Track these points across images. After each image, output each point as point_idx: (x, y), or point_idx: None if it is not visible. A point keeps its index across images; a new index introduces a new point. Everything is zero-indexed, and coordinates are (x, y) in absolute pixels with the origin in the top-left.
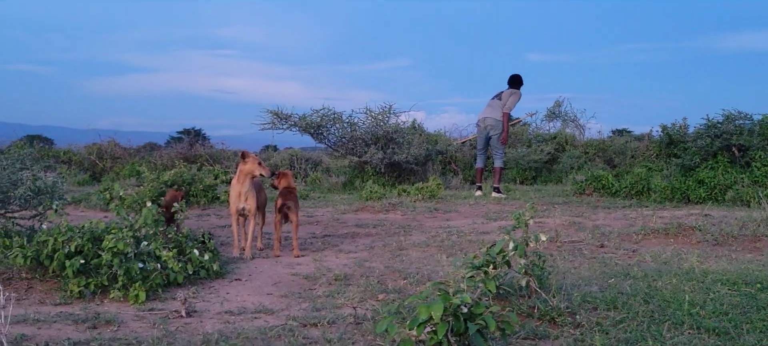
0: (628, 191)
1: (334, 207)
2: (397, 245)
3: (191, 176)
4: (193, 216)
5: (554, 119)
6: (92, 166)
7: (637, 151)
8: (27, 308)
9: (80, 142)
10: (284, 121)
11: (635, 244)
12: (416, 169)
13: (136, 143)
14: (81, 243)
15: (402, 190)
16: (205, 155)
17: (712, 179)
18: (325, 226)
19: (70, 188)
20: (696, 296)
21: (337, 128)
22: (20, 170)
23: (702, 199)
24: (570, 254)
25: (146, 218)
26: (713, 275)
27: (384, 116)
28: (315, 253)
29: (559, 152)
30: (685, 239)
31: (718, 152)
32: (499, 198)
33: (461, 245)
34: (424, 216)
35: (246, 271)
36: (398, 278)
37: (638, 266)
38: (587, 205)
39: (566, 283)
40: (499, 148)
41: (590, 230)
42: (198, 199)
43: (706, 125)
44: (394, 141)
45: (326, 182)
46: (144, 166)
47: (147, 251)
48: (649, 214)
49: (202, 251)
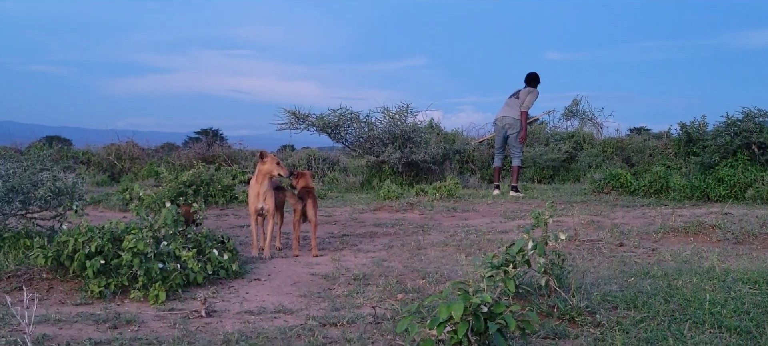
0: (646, 190)
1: (351, 207)
2: (416, 244)
3: (209, 177)
4: (212, 216)
5: (572, 118)
6: (111, 167)
7: (656, 150)
8: (48, 308)
9: (98, 142)
10: (302, 121)
11: (655, 242)
12: (434, 169)
13: (154, 143)
14: (101, 243)
15: (420, 189)
16: (222, 155)
17: (732, 177)
18: (343, 225)
19: (89, 189)
20: (717, 295)
21: (354, 128)
22: (40, 171)
23: (722, 197)
24: (589, 252)
25: (166, 219)
26: (734, 273)
27: (401, 116)
28: (333, 252)
29: (577, 151)
30: (705, 237)
31: (737, 150)
32: (517, 197)
33: (480, 244)
34: (442, 215)
35: (265, 271)
36: (417, 277)
37: (658, 264)
38: (606, 203)
39: (586, 282)
40: (517, 147)
41: (609, 229)
42: (216, 199)
43: (725, 123)
44: (412, 140)
45: (344, 182)
46: (162, 166)
47: (167, 251)
48: (669, 212)
49: (221, 251)
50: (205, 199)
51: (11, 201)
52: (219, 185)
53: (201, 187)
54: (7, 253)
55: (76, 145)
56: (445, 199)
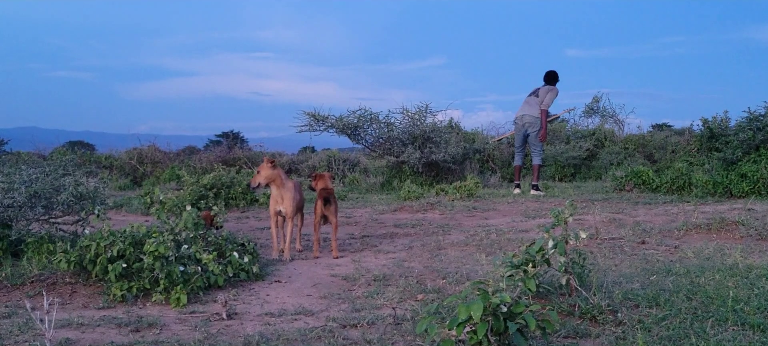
0: (668, 186)
1: (372, 207)
2: (436, 244)
3: (230, 179)
4: (233, 219)
5: (593, 115)
6: (133, 171)
7: (678, 146)
8: (71, 312)
9: (121, 147)
10: (321, 122)
11: (677, 240)
12: (454, 168)
13: (175, 147)
14: (123, 247)
15: (440, 189)
16: (243, 158)
17: (755, 173)
18: (364, 226)
19: (112, 193)
20: (740, 292)
21: (374, 129)
22: (63, 176)
23: (745, 193)
24: (610, 251)
25: (186, 222)
26: (757, 270)
27: (421, 116)
28: (354, 254)
29: (598, 148)
30: (728, 234)
31: (760, 145)
32: (538, 196)
33: (500, 243)
34: (462, 215)
35: (285, 273)
36: (437, 277)
37: (680, 262)
38: (627, 201)
39: (607, 280)
40: (537, 146)
41: (631, 227)
42: (237, 201)
43: (747, 118)
44: (432, 140)
45: (364, 183)
46: (183, 170)
47: (188, 255)
48: (691, 209)
49: (241, 253)
50: (225, 202)
51: (34, 206)
52: (239, 187)
53: (222, 190)
54: (31, 258)
55: (99, 150)
56: (466, 198)
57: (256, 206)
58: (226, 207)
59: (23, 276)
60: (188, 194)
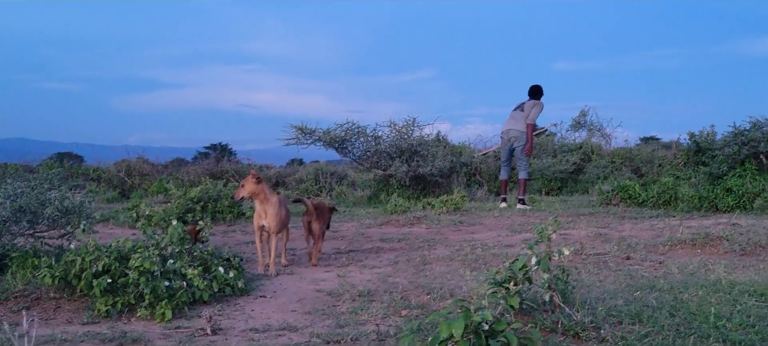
0: (655, 201)
1: (358, 221)
2: (421, 259)
3: (217, 193)
4: (219, 232)
5: (580, 129)
6: (121, 183)
7: (665, 160)
8: (54, 328)
9: (110, 158)
10: (308, 136)
11: (662, 255)
12: (441, 182)
13: (164, 159)
14: (108, 262)
15: (427, 203)
16: (231, 171)
17: (740, 187)
18: (350, 241)
19: (100, 206)
20: (722, 309)
21: (361, 142)
22: (48, 190)
23: (730, 207)
24: (595, 266)
25: (172, 236)
26: (740, 286)
27: (408, 129)
28: (339, 268)
29: (585, 162)
30: (713, 249)
31: (745, 160)
32: (525, 210)
33: (485, 258)
34: (448, 229)
35: (270, 287)
36: (422, 293)
37: (665, 278)
38: (613, 215)
39: (591, 296)
40: (523, 160)
41: (616, 242)
42: (224, 215)
43: (732, 133)
44: (419, 154)
45: (351, 196)
46: (171, 183)
47: (173, 269)
48: (676, 224)
49: (227, 268)
50: (212, 215)
51: (19, 221)
52: (226, 200)
53: (209, 203)
54: (15, 272)
55: (88, 162)
56: (452, 212)
57: (243, 219)
58: (213, 220)
59: (7, 291)
60: (175, 207)
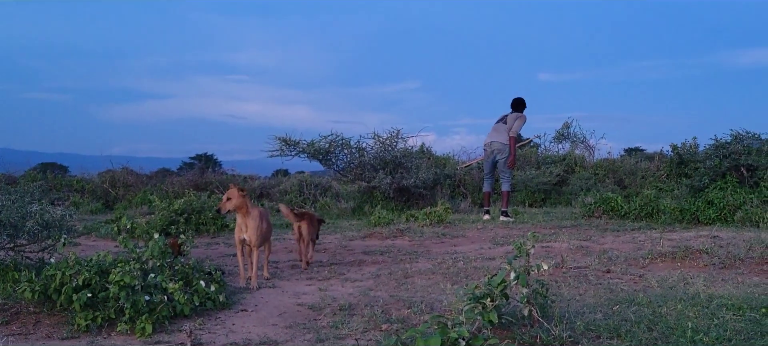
0: (637, 213)
1: (342, 234)
2: (403, 272)
3: (200, 205)
4: (203, 245)
5: (563, 140)
6: (105, 195)
7: (648, 172)
8: (34, 342)
9: (95, 169)
10: (292, 147)
11: (642, 269)
12: (425, 194)
13: (149, 169)
14: (88, 276)
15: (410, 215)
16: (215, 182)
17: (721, 200)
18: (333, 253)
19: (83, 217)
20: (700, 323)
21: (345, 154)
22: (29, 203)
23: (711, 220)
24: (575, 280)
25: (153, 250)
26: (719, 299)
27: (392, 141)
28: (321, 282)
29: (569, 174)
30: (693, 262)
31: (726, 172)
32: (508, 222)
33: (467, 271)
34: (431, 242)
35: (252, 301)
36: (402, 307)
37: (644, 291)
38: (596, 228)
39: (570, 311)
40: (506, 172)
41: (597, 255)
42: (207, 227)
43: (714, 145)
44: (403, 166)
45: (335, 208)
46: (155, 194)
47: (154, 283)
48: (658, 236)
49: (208, 282)
50: (196, 227)
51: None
52: (210, 212)
53: (192, 215)
54: None
55: (73, 172)
56: (436, 224)
57: (227, 231)
58: (197, 232)
59: None
60: (159, 219)
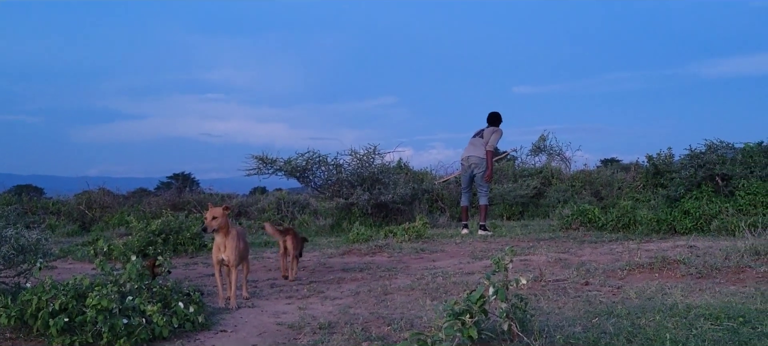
0: (614, 224)
1: (320, 251)
2: (383, 289)
3: (178, 225)
4: (181, 265)
5: (540, 153)
6: (81, 216)
7: (624, 183)
8: None
9: (71, 190)
10: (269, 166)
11: (620, 280)
12: (403, 209)
13: (127, 190)
14: (65, 301)
15: (389, 231)
16: (193, 202)
17: (697, 209)
18: (312, 271)
19: (59, 240)
20: (678, 333)
21: (322, 171)
22: (4, 228)
23: (688, 229)
24: (554, 293)
25: (130, 273)
26: (696, 309)
27: (369, 157)
28: (300, 300)
29: (546, 186)
30: (670, 272)
31: (702, 182)
32: (486, 236)
33: (446, 287)
34: (410, 257)
35: (231, 321)
36: (382, 324)
37: (622, 303)
38: (573, 240)
39: (549, 324)
40: (483, 186)
41: (575, 267)
42: (186, 247)
43: (689, 155)
44: (380, 182)
45: (314, 225)
46: (132, 215)
47: (132, 306)
48: (635, 247)
49: (187, 303)
50: (174, 247)
51: None
52: (188, 232)
53: (170, 235)
54: None
55: (49, 194)
56: (414, 240)
57: (205, 251)
58: (175, 253)
59: None
60: (136, 240)
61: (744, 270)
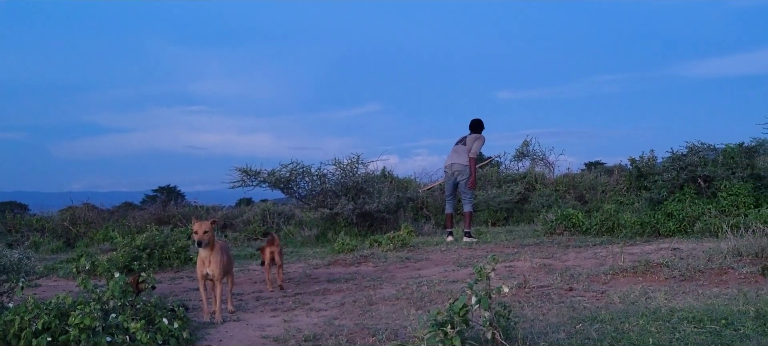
0: (598, 228)
1: (306, 262)
2: (368, 299)
3: (163, 239)
4: (166, 280)
5: (523, 159)
6: (66, 232)
7: (608, 186)
8: None
9: (55, 206)
10: (253, 178)
11: (604, 285)
12: (388, 218)
13: (112, 204)
14: (48, 320)
15: (374, 240)
16: (178, 215)
17: (680, 212)
18: (297, 283)
19: (44, 257)
20: (662, 337)
21: (306, 182)
22: None
23: (671, 232)
24: (538, 299)
25: (114, 290)
26: (680, 313)
27: (353, 167)
28: (285, 313)
29: (530, 192)
30: (654, 276)
31: (684, 184)
32: (471, 243)
33: (431, 296)
34: (395, 266)
35: (216, 336)
36: (367, 335)
37: (606, 308)
38: (558, 245)
39: (533, 331)
40: (467, 193)
41: (560, 273)
42: (171, 261)
43: (671, 158)
44: (365, 191)
45: (299, 236)
46: (117, 231)
47: (115, 324)
48: (619, 251)
49: (171, 319)
50: (159, 262)
51: None
52: (173, 246)
53: (155, 250)
54: None
55: (32, 210)
56: (399, 248)
57: (190, 265)
58: (160, 267)
59: None
60: (121, 256)
61: (727, 272)
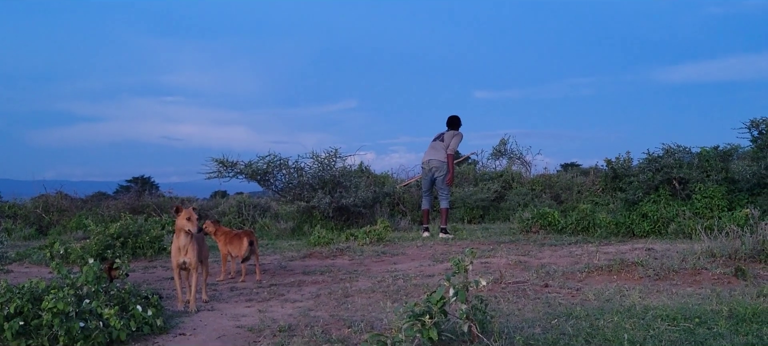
0: (574, 227)
1: (281, 254)
2: (343, 292)
3: (137, 228)
4: (140, 269)
5: (500, 157)
6: (38, 220)
7: (584, 186)
8: None
9: (27, 194)
10: (230, 169)
11: (579, 282)
12: (364, 213)
13: (85, 193)
14: (20, 304)
15: (350, 234)
16: (152, 205)
17: (655, 213)
18: (272, 274)
19: (16, 243)
20: (636, 334)
21: (283, 174)
22: None
23: (646, 232)
24: (514, 295)
25: (87, 276)
26: (654, 311)
27: (330, 160)
28: (260, 303)
29: (506, 190)
30: (628, 274)
31: (659, 186)
32: (447, 239)
33: (407, 289)
34: (371, 260)
35: (190, 324)
36: (343, 326)
37: (581, 305)
38: (533, 243)
39: (509, 326)
40: (444, 190)
41: (535, 270)
42: (144, 250)
43: (646, 159)
44: (342, 185)
45: (275, 228)
46: (90, 219)
47: (89, 309)
48: (594, 250)
49: (145, 306)
50: (133, 251)
51: None
52: (147, 236)
53: (129, 239)
54: None
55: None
56: (375, 243)
57: (164, 254)
58: (134, 256)
59: None
60: (94, 244)
61: (700, 272)
